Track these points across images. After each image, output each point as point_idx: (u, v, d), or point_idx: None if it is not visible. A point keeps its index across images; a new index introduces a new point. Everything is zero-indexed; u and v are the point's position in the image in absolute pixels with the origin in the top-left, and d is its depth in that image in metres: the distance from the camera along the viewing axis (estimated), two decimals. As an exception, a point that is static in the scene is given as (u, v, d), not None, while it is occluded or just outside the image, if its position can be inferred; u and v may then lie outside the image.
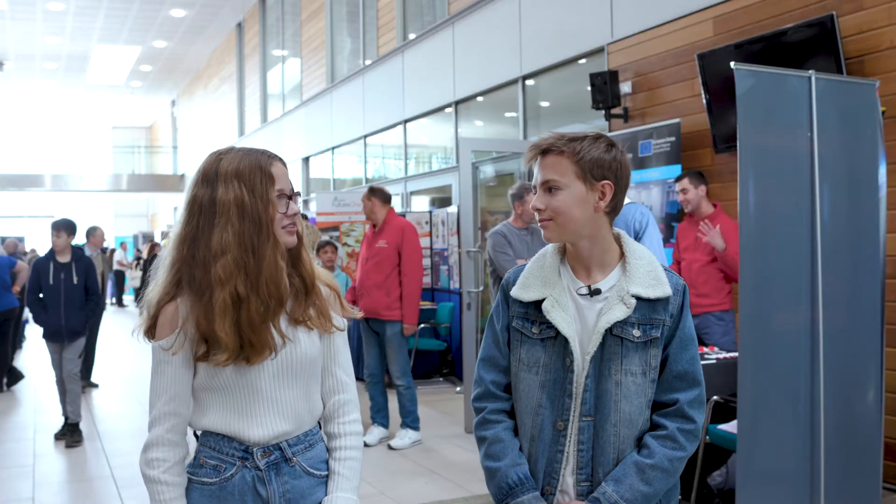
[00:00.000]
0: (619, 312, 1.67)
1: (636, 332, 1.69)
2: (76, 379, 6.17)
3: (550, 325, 1.71)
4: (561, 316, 1.70)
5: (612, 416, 1.68)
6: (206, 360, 1.67)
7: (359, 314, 1.90)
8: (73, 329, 6.10)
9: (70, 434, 6.06)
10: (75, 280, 6.14)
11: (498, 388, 1.80)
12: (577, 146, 1.71)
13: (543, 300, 1.72)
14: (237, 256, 1.64)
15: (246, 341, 1.65)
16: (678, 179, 5.02)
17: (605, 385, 1.69)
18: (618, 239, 1.78)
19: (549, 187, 1.71)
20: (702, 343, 4.77)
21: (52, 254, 6.16)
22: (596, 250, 1.74)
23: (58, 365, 6.17)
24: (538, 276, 1.76)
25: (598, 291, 1.71)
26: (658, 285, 1.71)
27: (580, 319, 1.71)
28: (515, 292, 1.77)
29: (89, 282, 6.23)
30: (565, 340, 1.70)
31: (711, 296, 4.81)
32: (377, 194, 5.95)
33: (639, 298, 1.69)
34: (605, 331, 1.67)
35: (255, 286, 1.65)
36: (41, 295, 6.10)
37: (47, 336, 6.16)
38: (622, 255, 1.76)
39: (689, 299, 1.77)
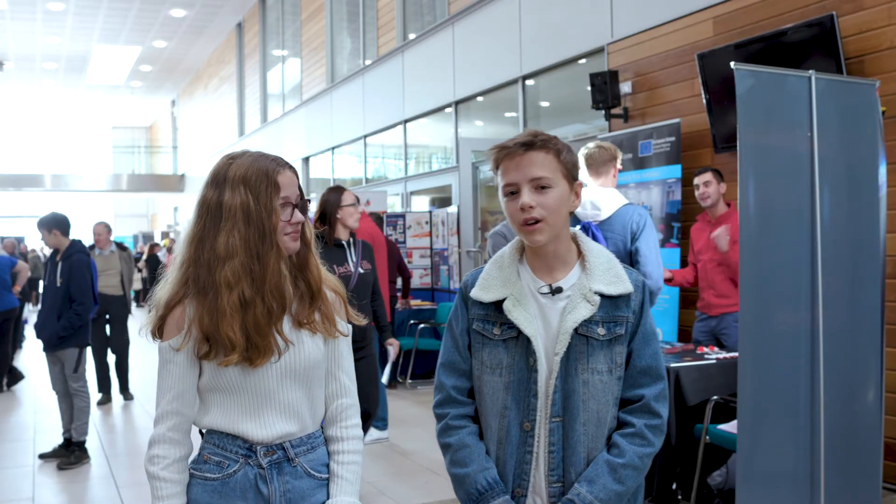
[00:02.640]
0: (585, 311, 1.66)
1: (601, 331, 1.68)
2: (78, 394, 5.52)
3: (512, 326, 1.69)
4: (523, 315, 1.68)
5: (581, 416, 1.67)
6: (210, 359, 1.70)
7: (363, 321, 1.90)
8: (44, 339, 5.44)
9: (71, 453, 5.48)
10: (58, 282, 5.45)
11: (460, 394, 1.77)
12: (559, 144, 1.70)
13: (504, 300, 1.70)
14: (244, 261, 1.68)
15: (252, 343, 1.68)
16: (700, 172, 4.85)
17: (573, 385, 1.67)
18: (574, 238, 1.77)
19: (540, 185, 1.66)
20: (722, 345, 4.71)
21: (55, 251, 5.61)
22: (560, 250, 1.72)
23: (54, 376, 5.56)
24: (497, 276, 1.74)
25: (559, 290, 1.70)
26: (619, 282, 1.70)
27: (542, 318, 1.70)
28: (475, 294, 1.74)
29: (72, 286, 5.41)
30: (527, 340, 1.68)
31: (731, 296, 4.67)
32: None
33: (602, 296, 1.68)
34: (572, 330, 1.66)
35: (260, 291, 1.69)
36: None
37: None
38: (580, 253, 1.75)
39: (648, 295, 1.77)
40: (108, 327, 7.74)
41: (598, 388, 1.68)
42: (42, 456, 5.57)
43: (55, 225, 5.56)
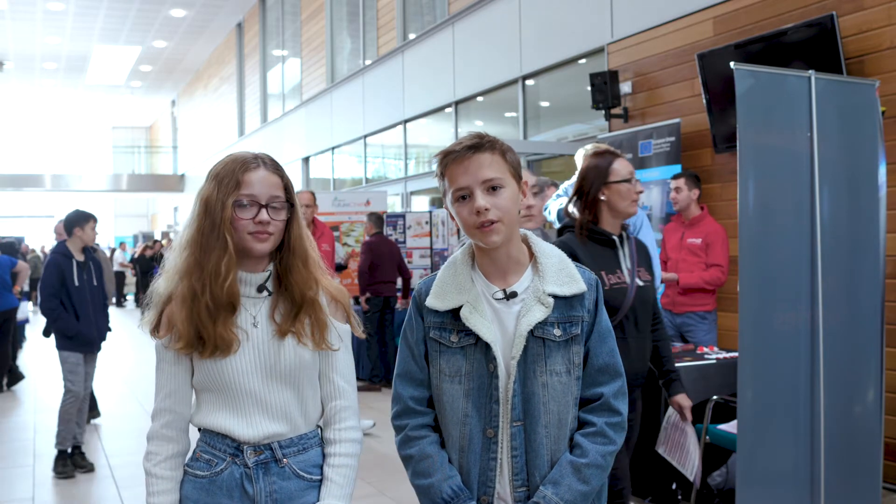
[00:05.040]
0: (539, 313, 1.65)
1: (557, 332, 1.67)
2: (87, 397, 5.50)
3: (469, 333, 1.68)
4: (480, 321, 1.67)
5: (543, 419, 1.66)
6: (170, 348, 1.74)
7: (363, 335, 1.89)
8: (104, 337, 5.46)
9: (80, 458, 5.34)
10: (95, 281, 5.39)
11: (418, 404, 1.75)
12: (504, 145, 1.69)
13: (460, 307, 1.68)
14: (196, 253, 1.71)
15: (198, 336, 1.71)
16: (675, 177, 5.09)
17: (532, 388, 1.66)
18: (525, 239, 1.75)
19: (491, 186, 1.64)
20: (685, 341, 4.83)
21: (68, 251, 5.30)
22: (513, 252, 1.71)
23: (83, 381, 5.33)
24: (452, 283, 1.72)
25: (514, 294, 1.68)
26: (572, 282, 1.69)
27: (498, 323, 1.68)
28: (430, 302, 1.71)
29: (106, 283, 5.53)
30: (486, 346, 1.66)
31: (695, 296, 4.90)
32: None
33: (555, 297, 1.67)
34: (527, 333, 1.65)
35: (204, 284, 1.70)
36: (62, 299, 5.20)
37: (79, 347, 5.23)
38: (531, 255, 1.74)
39: (602, 293, 1.76)
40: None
41: (558, 389, 1.67)
42: (63, 474, 5.21)
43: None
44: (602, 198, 2.77)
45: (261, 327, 1.74)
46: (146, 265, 17.33)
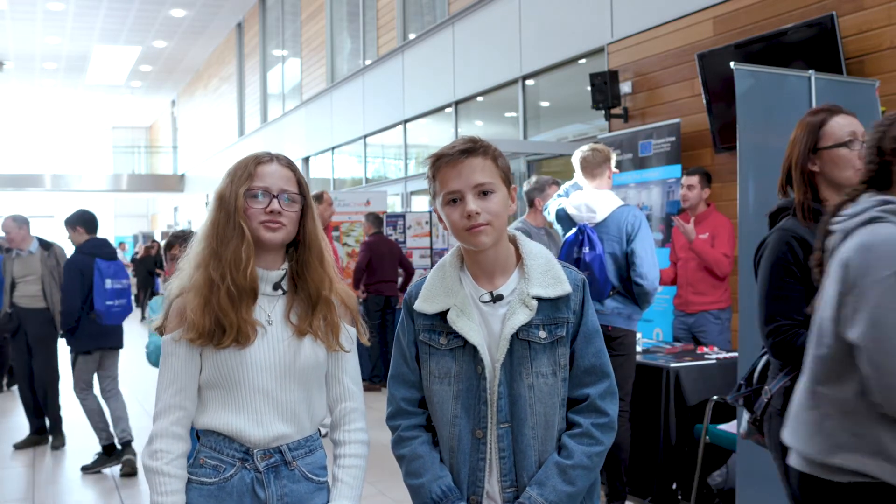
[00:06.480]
0: (523, 316, 1.66)
1: (542, 334, 1.68)
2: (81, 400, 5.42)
3: (458, 335, 1.69)
4: (467, 325, 1.68)
5: (529, 420, 1.68)
6: (180, 338, 1.73)
7: (369, 343, 1.90)
8: None
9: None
10: None
11: (410, 405, 1.77)
12: (496, 150, 1.71)
13: (448, 311, 1.70)
14: (212, 243, 1.73)
15: (217, 324, 1.69)
16: (689, 174, 4.97)
17: (518, 390, 1.68)
18: (513, 241, 1.76)
19: (483, 191, 1.66)
20: (699, 342, 4.78)
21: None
22: (501, 255, 1.72)
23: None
24: (440, 286, 1.73)
25: (500, 297, 1.70)
26: (557, 284, 1.70)
27: (486, 326, 1.70)
28: (419, 305, 1.73)
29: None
30: (474, 349, 1.68)
31: (708, 294, 4.83)
32: None
33: (540, 299, 1.68)
34: (512, 336, 1.66)
35: (223, 272, 1.70)
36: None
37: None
38: (519, 256, 1.74)
39: (589, 293, 1.76)
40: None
41: (544, 391, 1.68)
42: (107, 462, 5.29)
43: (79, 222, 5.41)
44: (813, 168, 2.25)
45: (276, 325, 1.74)
46: (150, 264, 17.20)
